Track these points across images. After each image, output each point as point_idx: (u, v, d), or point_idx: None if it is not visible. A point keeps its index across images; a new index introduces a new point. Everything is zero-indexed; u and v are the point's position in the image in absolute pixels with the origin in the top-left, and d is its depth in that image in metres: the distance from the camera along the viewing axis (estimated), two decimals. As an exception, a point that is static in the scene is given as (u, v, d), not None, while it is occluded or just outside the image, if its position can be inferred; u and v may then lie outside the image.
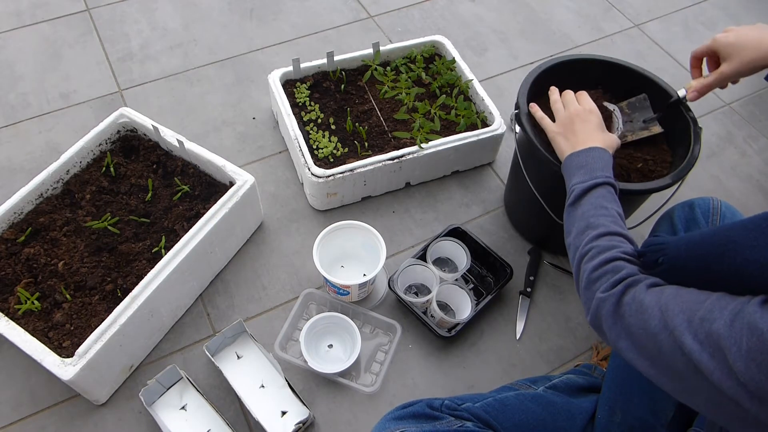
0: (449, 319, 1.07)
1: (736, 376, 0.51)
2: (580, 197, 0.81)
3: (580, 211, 0.80)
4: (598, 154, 0.85)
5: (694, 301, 0.58)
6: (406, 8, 1.78)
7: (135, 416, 1.02)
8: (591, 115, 0.92)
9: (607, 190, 0.81)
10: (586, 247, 0.74)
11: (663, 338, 0.58)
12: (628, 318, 0.63)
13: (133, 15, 1.69)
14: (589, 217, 0.77)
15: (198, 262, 1.08)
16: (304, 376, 1.08)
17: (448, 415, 0.80)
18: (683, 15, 1.86)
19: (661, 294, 0.61)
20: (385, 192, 1.34)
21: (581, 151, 0.87)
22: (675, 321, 0.57)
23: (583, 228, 0.77)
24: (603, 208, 0.78)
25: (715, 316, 0.54)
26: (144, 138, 1.23)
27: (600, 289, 0.68)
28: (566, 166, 0.88)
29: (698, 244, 0.64)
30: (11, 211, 1.08)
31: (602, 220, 0.76)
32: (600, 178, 0.81)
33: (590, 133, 0.89)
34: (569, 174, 0.87)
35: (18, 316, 0.99)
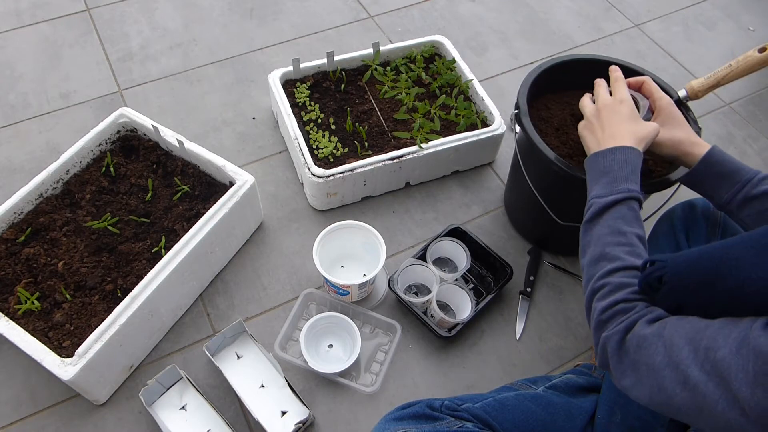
0: (449, 319, 1.07)
1: (740, 405, 0.50)
2: (598, 214, 0.75)
3: (597, 233, 0.74)
4: (625, 157, 0.77)
5: (697, 331, 0.57)
6: (406, 8, 1.78)
7: (135, 416, 1.02)
8: (621, 105, 0.84)
9: (628, 208, 0.74)
10: (599, 282, 0.70)
11: (667, 373, 0.57)
12: (633, 354, 0.62)
13: (133, 15, 1.69)
14: (606, 245, 0.72)
15: (198, 262, 1.08)
16: (304, 376, 1.08)
17: (448, 415, 0.80)
18: (683, 15, 1.86)
19: (664, 328, 0.60)
20: (385, 192, 1.34)
21: (606, 151, 0.79)
22: (681, 355, 0.56)
23: (597, 257, 0.72)
24: (621, 234, 0.72)
25: (720, 344, 0.53)
26: (144, 138, 1.23)
27: (606, 328, 0.67)
28: (589, 167, 0.81)
29: (699, 262, 0.61)
30: (11, 211, 1.08)
31: (618, 251, 0.71)
32: (622, 192, 0.75)
33: (619, 124, 0.81)
34: (591, 179, 0.80)
35: (18, 316, 0.99)
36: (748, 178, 0.77)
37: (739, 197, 0.78)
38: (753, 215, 0.77)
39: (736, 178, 0.78)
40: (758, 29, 1.83)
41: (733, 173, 0.79)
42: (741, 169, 0.79)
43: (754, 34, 1.81)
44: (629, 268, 0.69)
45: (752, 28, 1.83)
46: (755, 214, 0.76)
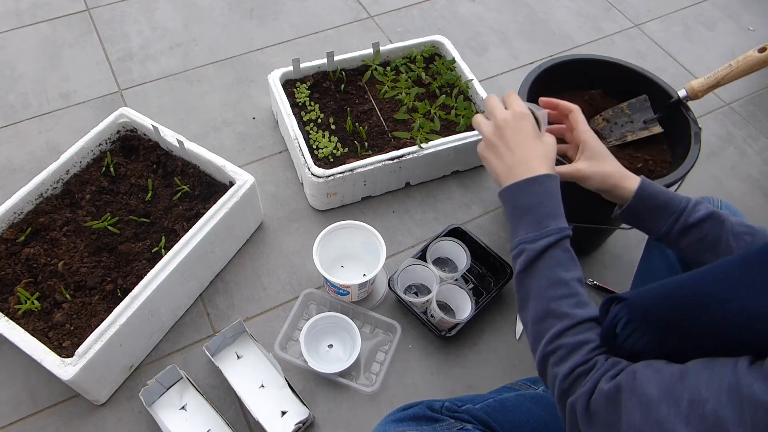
0: (449, 319, 1.07)
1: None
2: (532, 262, 0.68)
3: (536, 285, 0.67)
4: (545, 188, 0.71)
5: (671, 382, 0.51)
6: (406, 8, 1.78)
7: (135, 416, 1.02)
8: (523, 120, 0.76)
9: (562, 250, 0.68)
10: (551, 345, 0.64)
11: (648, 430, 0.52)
12: (604, 416, 0.55)
13: (133, 15, 1.69)
14: (549, 300, 0.65)
15: (198, 262, 1.08)
16: (304, 376, 1.08)
17: (449, 417, 0.80)
18: (683, 15, 1.86)
19: (633, 379, 0.54)
20: (385, 192, 1.34)
21: (523, 183, 0.71)
22: (660, 412, 0.50)
23: (542, 314, 0.65)
24: (562, 284, 0.65)
25: (705, 396, 0.48)
26: (144, 138, 1.23)
27: (572, 393, 0.60)
28: (507, 202, 0.73)
29: (667, 300, 0.56)
30: (11, 211, 1.08)
31: (564, 306, 0.64)
32: (552, 233, 0.68)
33: (527, 146, 0.74)
34: (512, 216, 0.72)
35: (18, 316, 0.99)
36: (682, 207, 0.75)
37: (677, 227, 0.75)
38: (693, 243, 0.75)
39: (670, 208, 0.76)
40: (758, 29, 1.83)
41: (667, 204, 0.76)
42: (673, 198, 0.77)
43: (754, 34, 1.81)
44: (580, 322, 0.63)
45: (752, 28, 1.83)
46: (695, 242, 0.75)
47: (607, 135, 1.11)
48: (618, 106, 1.12)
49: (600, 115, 1.13)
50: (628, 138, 1.09)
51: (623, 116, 1.11)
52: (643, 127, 1.09)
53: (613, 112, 1.12)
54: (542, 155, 0.74)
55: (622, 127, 1.10)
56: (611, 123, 1.11)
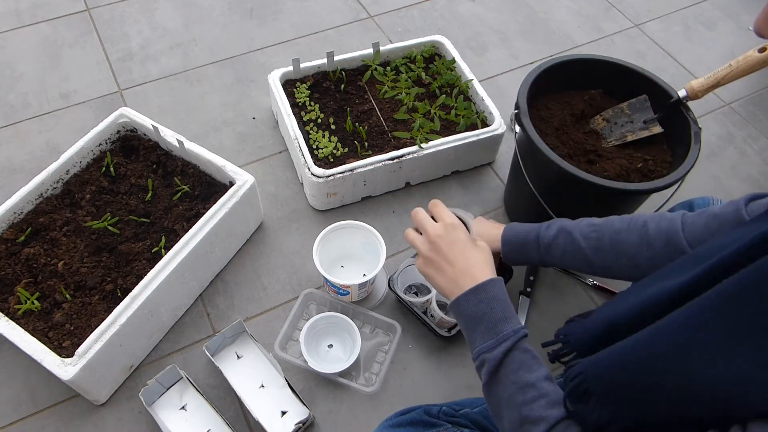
0: (449, 319, 1.07)
1: None
2: (495, 372, 0.67)
3: (505, 395, 0.65)
4: (491, 294, 0.70)
5: None
6: (406, 8, 1.78)
7: (135, 416, 1.02)
8: (455, 230, 0.76)
9: (521, 352, 0.66)
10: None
11: None
12: None
13: (133, 15, 1.69)
14: (521, 407, 0.63)
15: (198, 262, 1.08)
16: (304, 376, 1.08)
17: (446, 421, 0.80)
18: (683, 15, 1.86)
19: None
20: (385, 192, 1.34)
21: (468, 293, 0.71)
22: None
23: (517, 421, 0.63)
24: (530, 387, 0.64)
25: None
26: (144, 138, 1.23)
27: None
28: (457, 314, 0.73)
29: (622, 369, 0.53)
30: (11, 211, 1.08)
31: (537, 410, 0.62)
32: (508, 338, 0.67)
33: (465, 255, 0.74)
34: (465, 327, 0.72)
35: (18, 316, 0.99)
36: (536, 234, 0.87)
37: (542, 251, 0.87)
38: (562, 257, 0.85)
39: (530, 239, 0.88)
40: (758, 29, 1.83)
41: (526, 237, 0.89)
42: (529, 230, 0.89)
43: (754, 34, 1.81)
44: (556, 423, 0.61)
45: (752, 28, 1.83)
46: (561, 254, 0.85)
47: (607, 135, 1.11)
48: (618, 106, 1.12)
49: (600, 115, 1.13)
50: (628, 138, 1.09)
51: (623, 116, 1.11)
52: (643, 127, 1.09)
53: (613, 112, 1.12)
54: (482, 261, 0.74)
55: (622, 127, 1.10)
56: (611, 123, 1.11)
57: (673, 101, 1.04)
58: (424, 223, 0.78)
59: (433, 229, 0.76)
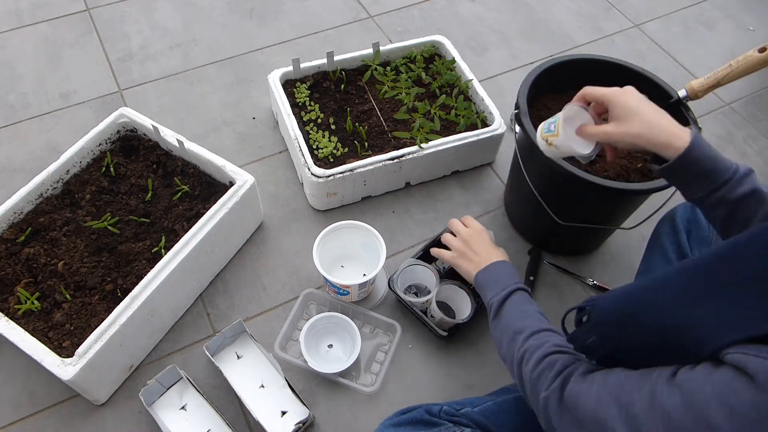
0: (449, 319, 1.07)
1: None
2: (499, 309, 0.84)
3: (504, 322, 0.82)
4: (504, 267, 0.91)
5: (618, 386, 0.58)
6: (406, 8, 1.78)
7: (135, 416, 1.02)
8: (483, 233, 1.00)
9: (521, 296, 0.84)
10: (519, 352, 0.75)
11: (600, 430, 0.58)
12: (572, 411, 0.62)
13: (133, 15, 1.69)
14: (514, 324, 0.80)
15: (198, 262, 1.08)
16: (304, 376, 1.08)
17: (447, 420, 0.80)
18: (683, 15, 1.86)
19: (592, 384, 0.61)
20: (385, 192, 1.34)
21: (487, 267, 0.92)
22: (608, 411, 0.57)
23: (511, 336, 0.79)
24: (523, 312, 0.81)
25: (635, 399, 0.54)
26: (144, 138, 1.23)
27: (542, 388, 0.68)
28: (478, 283, 0.93)
29: (620, 301, 0.63)
30: (11, 211, 1.08)
31: (527, 323, 0.78)
32: (512, 285, 0.86)
33: (489, 249, 0.96)
34: (483, 290, 0.91)
35: (18, 316, 0.99)
36: (725, 179, 0.70)
37: (714, 198, 0.72)
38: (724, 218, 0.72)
39: (713, 178, 0.71)
40: (758, 29, 1.83)
41: (711, 173, 0.71)
42: (719, 168, 0.71)
43: (754, 34, 1.81)
44: (541, 330, 0.76)
45: (752, 28, 1.83)
46: (726, 217, 0.72)
47: (607, 135, 1.11)
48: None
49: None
50: None
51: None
52: (643, 127, 1.08)
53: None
54: (499, 255, 0.95)
55: None
56: (611, 123, 1.11)
57: (673, 101, 1.04)
58: (459, 227, 1.03)
59: (466, 231, 1.01)
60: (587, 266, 1.26)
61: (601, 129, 0.79)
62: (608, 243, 1.29)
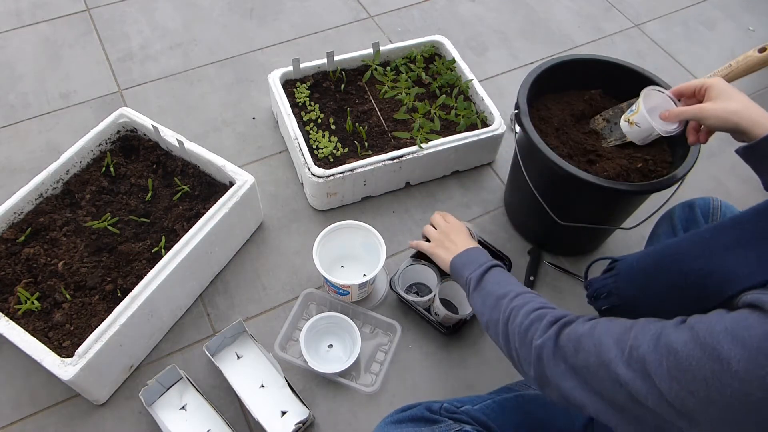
0: (453, 315, 1.07)
1: (665, 397, 0.51)
2: (478, 282, 0.86)
3: (485, 292, 0.84)
4: (479, 251, 0.93)
5: (623, 331, 0.58)
6: (406, 8, 1.78)
7: (135, 416, 1.02)
8: (462, 227, 1.04)
9: (499, 270, 0.87)
10: (505, 313, 0.76)
11: (602, 373, 0.58)
12: (570, 358, 0.63)
13: (133, 15, 1.69)
14: (495, 291, 0.81)
15: (198, 262, 1.08)
16: (304, 376, 1.08)
17: (447, 418, 0.80)
18: (683, 15, 1.86)
19: (594, 329, 0.62)
20: (385, 192, 1.34)
21: (462, 252, 0.94)
22: (609, 354, 0.57)
23: (494, 303, 0.80)
24: (504, 281, 0.83)
25: (641, 341, 0.55)
26: (144, 138, 1.23)
27: (535, 336, 0.68)
28: (453, 266, 0.94)
29: (647, 256, 0.67)
30: (11, 211, 1.08)
31: (509, 288, 0.80)
32: (488, 263, 0.88)
33: (466, 240, 0.99)
34: (459, 271, 0.92)
35: (18, 316, 0.99)
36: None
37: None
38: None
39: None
40: (758, 29, 1.83)
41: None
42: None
43: (754, 34, 1.81)
44: (526, 292, 0.78)
45: (752, 28, 1.83)
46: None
47: (607, 135, 1.11)
48: (618, 106, 1.11)
49: (600, 115, 1.13)
50: (628, 138, 1.09)
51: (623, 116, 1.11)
52: (643, 127, 1.08)
53: (613, 112, 1.12)
54: (476, 246, 0.97)
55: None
56: (611, 123, 1.11)
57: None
58: (439, 221, 1.06)
59: (446, 225, 1.04)
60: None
61: (695, 107, 0.82)
62: (608, 243, 1.29)
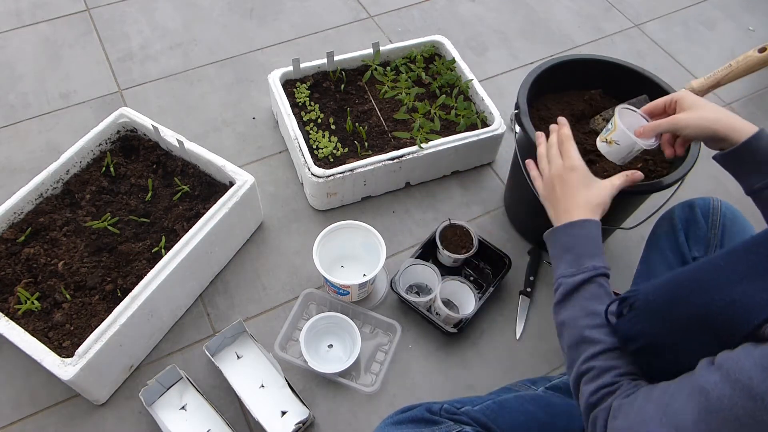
0: (455, 315, 1.07)
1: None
2: (568, 295, 0.75)
3: (571, 315, 0.74)
4: (585, 231, 0.79)
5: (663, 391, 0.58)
6: (406, 8, 1.78)
7: (135, 416, 1.02)
8: (572, 173, 0.84)
9: (597, 286, 0.74)
10: (584, 366, 0.70)
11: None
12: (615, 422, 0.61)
13: (133, 15, 1.69)
14: (583, 329, 0.71)
15: (198, 262, 1.08)
16: (304, 376, 1.08)
17: (447, 419, 0.80)
18: (683, 15, 1.86)
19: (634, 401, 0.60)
20: (385, 192, 1.34)
21: (564, 226, 0.80)
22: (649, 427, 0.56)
23: (577, 340, 0.72)
24: (595, 315, 0.71)
25: (676, 398, 0.55)
26: (144, 138, 1.23)
27: (597, 425, 0.65)
28: (550, 242, 0.83)
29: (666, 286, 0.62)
30: (11, 211, 1.08)
31: (596, 334, 0.70)
32: (588, 270, 0.75)
33: (572, 195, 0.82)
34: (554, 255, 0.81)
35: (18, 316, 0.99)
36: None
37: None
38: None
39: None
40: (758, 29, 1.83)
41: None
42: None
43: (754, 34, 1.81)
44: (611, 349, 0.69)
45: (752, 28, 1.83)
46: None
47: (607, 135, 1.11)
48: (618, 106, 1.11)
49: (600, 115, 1.13)
50: None
51: (623, 116, 1.11)
52: (643, 127, 1.08)
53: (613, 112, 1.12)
54: (585, 203, 0.81)
55: None
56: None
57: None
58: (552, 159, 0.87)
59: (556, 168, 0.86)
60: (587, 266, 1.26)
61: (670, 118, 0.81)
62: (608, 243, 1.29)
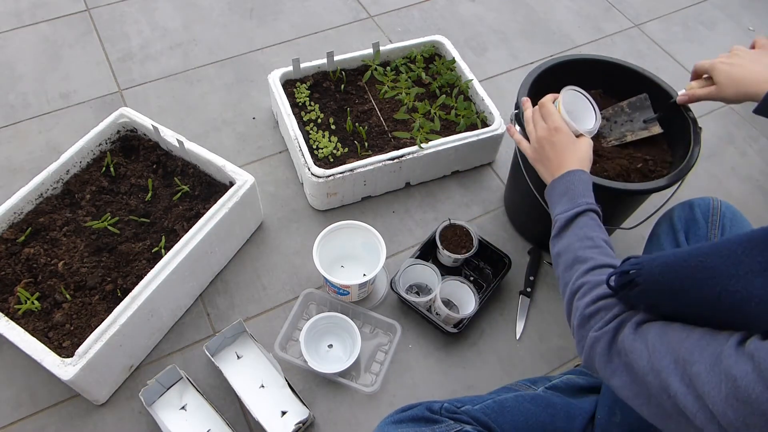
0: (455, 315, 1.07)
1: (717, 420, 0.51)
2: (564, 228, 0.81)
3: (566, 242, 0.79)
4: (577, 177, 0.85)
5: (678, 340, 0.57)
6: (406, 8, 1.78)
7: (135, 416, 1.02)
8: (557, 134, 0.90)
9: (589, 218, 0.80)
10: (577, 282, 0.73)
11: (651, 379, 0.58)
12: (624, 357, 0.62)
13: (133, 15, 1.69)
14: (576, 250, 0.76)
15: (198, 262, 1.08)
16: (304, 376, 1.08)
17: (448, 418, 0.80)
18: (683, 15, 1.86)
19: (648, 332, 0.60)
20: (385, 192, 1.34)
21: (562, 176, 0.86)
22: (662, 362, 0.57)
23: (570, 262, 0.76)
24: (588, 239, 0.77)
25: (696, 359, 0.54)
26: (144, 138, 1.23)
27: (594, 327, 0.67)
28: (548, 194, 0.89)
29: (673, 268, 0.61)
30: (11, 211, 1.08)
31: (589, 253, 0.74)
32: (582, 205, 0.81)
33: (562, 153, 0.89)
34: (552, 203, 0.87)
35: (18, 316, 0.99)
36: None
37: None
38: None
39: None
40: (758, 29, 1.83)
41: None
42: None
43: (754, 34, 1.81)
44: (604, 266, 0.72)
45: (752, 28, 1.83)
46: None
47: (607, 134, 1.11)
48: (618, 105, 1.12)
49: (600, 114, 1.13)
50: (628, 138, 1.09)
51: (623, 115, 1.11)
52: (643, 127, 1.09)
53: (613, 111, 1.12)
54: (575, 159, 0.87)
55: (621, 126, 1.10)
56: (611, 122, 1.11)
57: (673, 101, 1.04)
58: (537, 122, 0.93)
59: (541, 131, 0.91)
60: (587, 266, 1.26)
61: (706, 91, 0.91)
62: (608, 243, 1.29)
